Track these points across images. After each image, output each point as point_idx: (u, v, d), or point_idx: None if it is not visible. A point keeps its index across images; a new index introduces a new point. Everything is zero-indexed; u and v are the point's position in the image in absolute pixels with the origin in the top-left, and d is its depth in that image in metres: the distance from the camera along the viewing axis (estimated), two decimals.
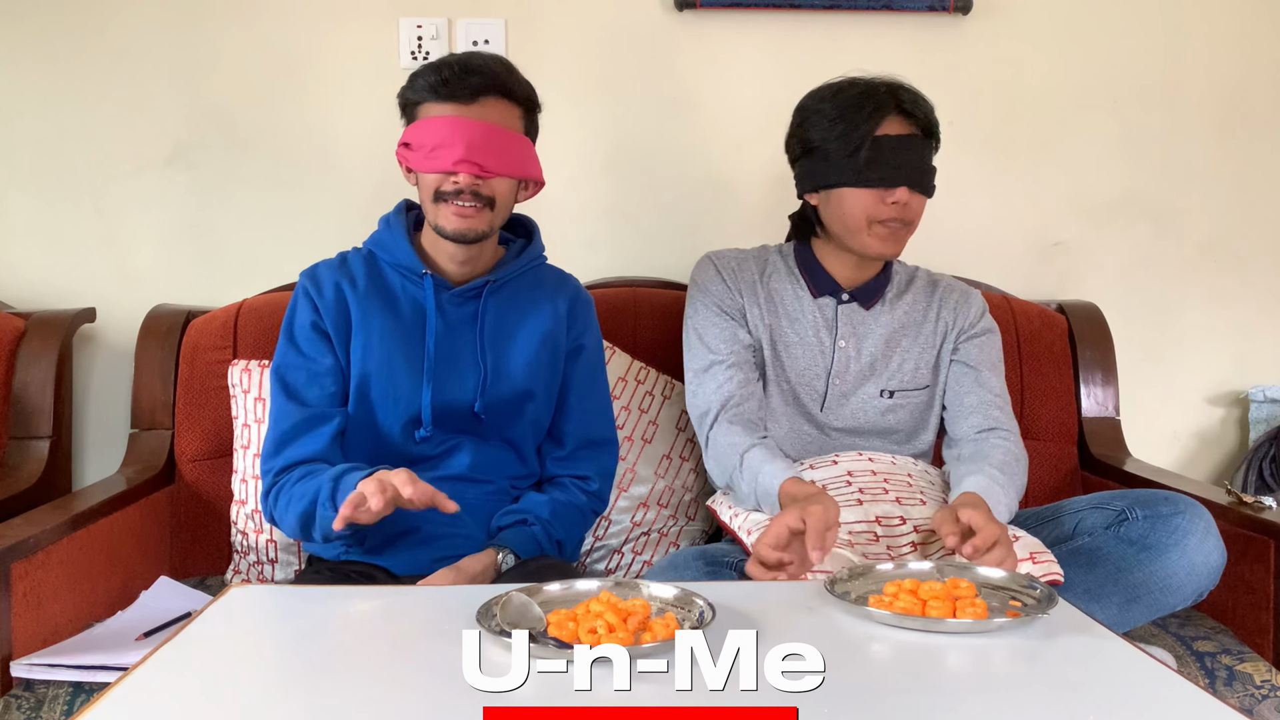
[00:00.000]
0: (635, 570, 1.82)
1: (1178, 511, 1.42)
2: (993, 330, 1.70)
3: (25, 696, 1.36)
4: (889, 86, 1.57)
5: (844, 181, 1.56)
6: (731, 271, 1.67)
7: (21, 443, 1.90)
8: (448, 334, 1.54)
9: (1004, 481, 1.46)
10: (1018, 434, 1.62)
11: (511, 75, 1.50)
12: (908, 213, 1.57)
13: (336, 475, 1.39)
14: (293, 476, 1.47)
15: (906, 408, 1.65)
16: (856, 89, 1.57)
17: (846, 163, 1.55)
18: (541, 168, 1.54)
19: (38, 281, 2.11)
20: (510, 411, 1.57)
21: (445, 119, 1.45)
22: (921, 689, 0.91)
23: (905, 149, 1.55)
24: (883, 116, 1.54)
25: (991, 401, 1.62)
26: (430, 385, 1.52)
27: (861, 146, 1.53)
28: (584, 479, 1.62)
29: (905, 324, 1.67)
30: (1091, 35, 2.19)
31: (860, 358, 1.64)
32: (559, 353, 1.61)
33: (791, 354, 1.65)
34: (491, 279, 1.56)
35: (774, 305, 1.66)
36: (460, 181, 1.45)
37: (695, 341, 1.65)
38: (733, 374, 1.60)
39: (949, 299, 1.69)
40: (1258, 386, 2.22)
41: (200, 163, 2.11)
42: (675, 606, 1.07)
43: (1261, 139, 2.23)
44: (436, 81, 1.46)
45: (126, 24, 2.08)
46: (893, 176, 1.54)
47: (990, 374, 1.65)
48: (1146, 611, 1.43)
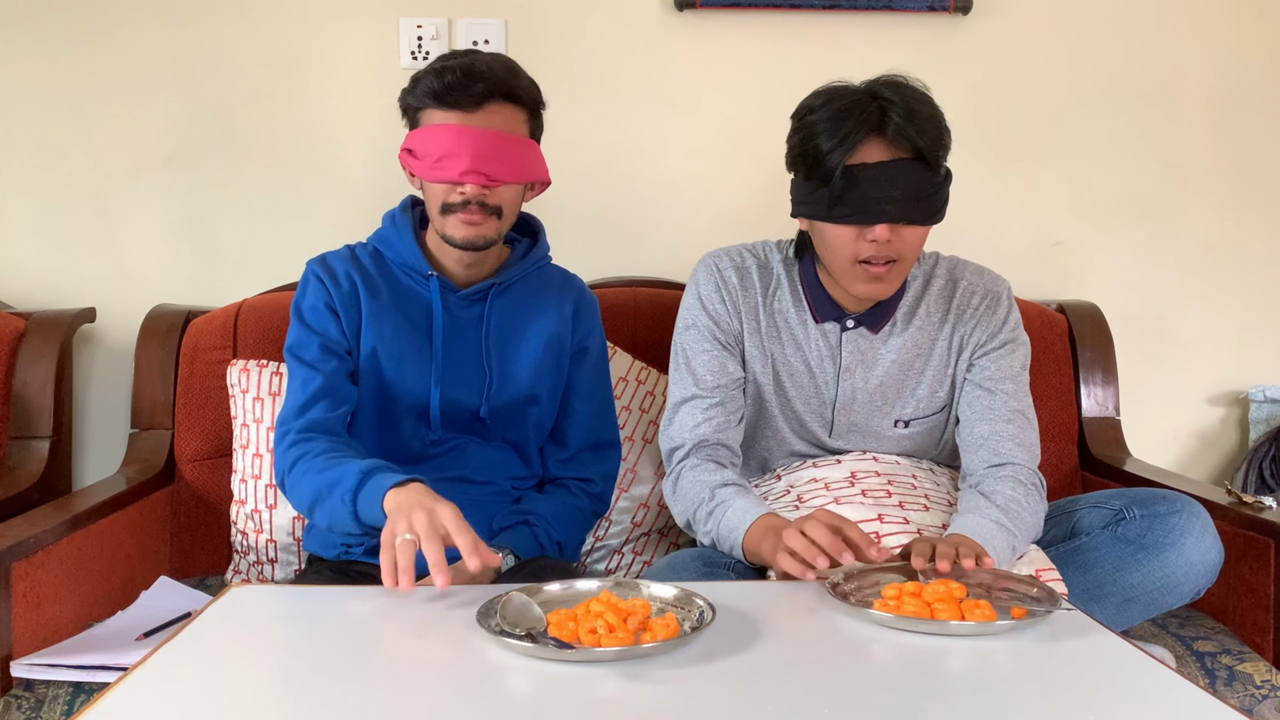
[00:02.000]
0: (635, 570, 1.82)
1: (1174, 510, 1.41)
2: (1015, 340, 1.53)
3: (25, 696, 1.36)
4: (880, 102, 1.36)
5: (818, 215, 1.41)
6: (732, 291, 1.53)
7: (21, 443, 1.90)
8: (453, 336, 1.53)
9: (1006, 524, 1.35)
10: (1032, 464, 1.48)
11: (516, 78, 1.47)
12: (895, 249, 1.39)
13: (365, 471, 1.31)
14: (316, 446, 1.41)
15: (923, 430, 1.57)
16: (841, 102, 1.38)
17: (819, 195, 1.39)
18: (547, 167, 1.53)
19: (38, 281, 2.11)
20: (514, 415, 1.57)
21: (450, 128, 1.42)
22: (922, 690, 0.91)
23: (886, 179, 1.35)
24: (857, 142, 1.35)
25: (1002, 432, 1.48)
26: (438, 388, 1.52)
27: (831, 177, 1.35)
28: (587, 481, 1.62)
29: (919, 343, 1.53)
30: (1091, 35, 2.19)
31: (869, 387, 1.53)
32: (564, 355, 1.61)
33: (796, 383, 1.54)
34: (497, 281, 1.55)
35: (776, 330, 1.54)
36: (467, 192, 1.43)
37: (682, 365, 1.54)
38: (713, 414, 1.50)
39: (969, 306, 1.53)
40: (1258, 386, 2.22)
41: (200, 163, 2.11)
42: (675, 606, 1.07)
43: (1261, 139, 2.23)
44: (439, 88, 1.42)
45: (127, 25, 2.08)
46: (869, 212, 1.36)
47: (1006, 394, 1.50)
48: (1145, 610, 1.43)
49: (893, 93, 1.37)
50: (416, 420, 1.53)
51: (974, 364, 1.53)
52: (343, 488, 1.32)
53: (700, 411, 1.50)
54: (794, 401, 1.55)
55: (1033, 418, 1.53)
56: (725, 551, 1.39)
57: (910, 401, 1.54)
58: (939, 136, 1.38)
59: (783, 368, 1.54)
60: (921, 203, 1.38)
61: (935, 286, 1.55)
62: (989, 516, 1.35)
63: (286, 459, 1.43)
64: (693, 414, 1.50)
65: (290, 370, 1.52)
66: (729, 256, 1.57)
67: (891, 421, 1.55)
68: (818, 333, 1.53)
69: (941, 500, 1.50)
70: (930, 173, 1.38)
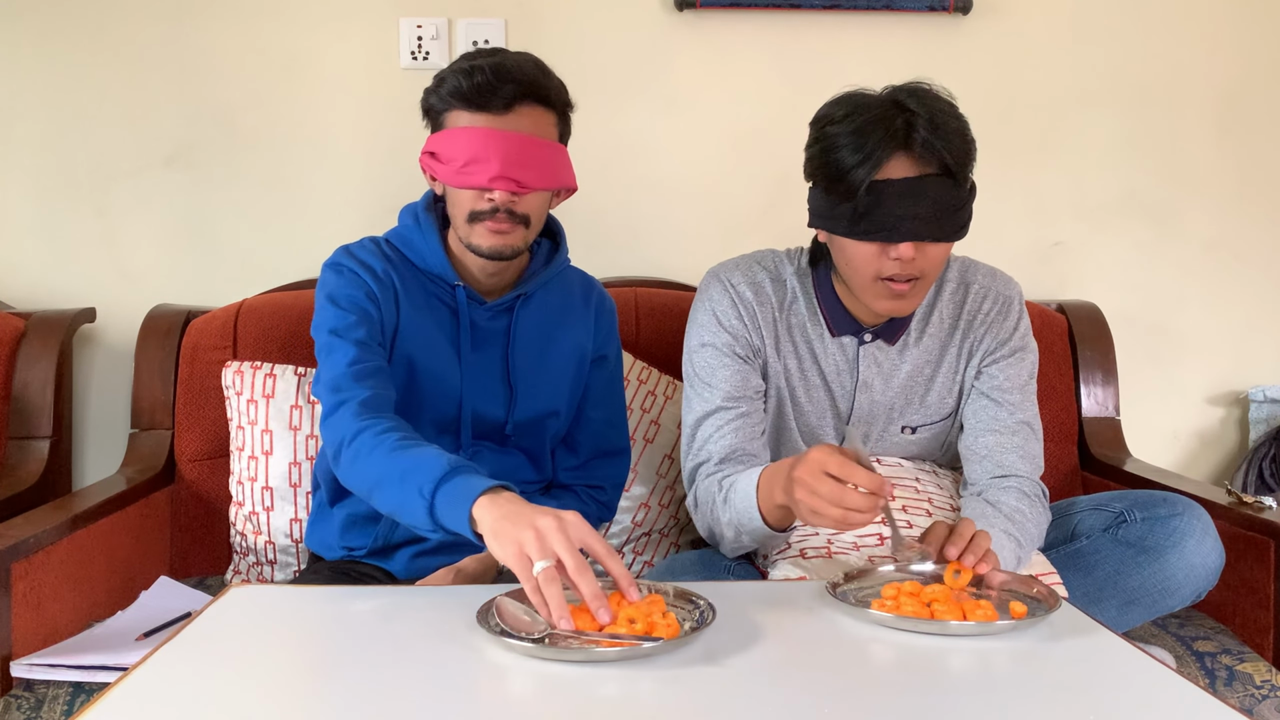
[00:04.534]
0: (636, 570, 1.82)
1: (1175, 514, 1.41)
2: (1024, 348, 1.50)
3: (25, 696, 1.36)
4: (905, 114, 1.29)
5: (839, 230, 1.35)
6: (749, 306, 1.47)
7: (21, 443, 1.90)
8: (479, 349, 1.49)
9: (1014, 533, 1.34)
10: (1035, 475, 1.46)
11: (548, 79, 1.40)
12: (918, 267, 1.34)
13: (452, 467, 1.16)
14: (383, 422, 1.28)
15: (929, 436, 1.55)
16: (865, 114, 1.31)
17: (841, 210, 1.33)
18: (574, 173, 1.46)
19: (38, 281, 2.11)
20: (536, 426, 1.54)
21: (478, 131, 1.34)
22: (922, 690, 0.91)
23: (912, 195, 1.29)
24: (885, 157, 1.29)
25: (1007, 445, 1.46)
26: (469, 404, 1.48)
27: (857, 192, 1.29)
28: (597, 488, 1.60)
29: (931, 351, 1.49)
30: (1091, 35, 2.19)
31: (885, 400, 1.50)
32: (585, 365, 1.58)
33: (813, 397, 1.51)
34: (522, 293, 1.50)
35: (793, 345, 1.49)
36: (496, 199, 1.36)
37: (700, 382, 1.47)
38: (739, 424, 1.43)
39: (980, 312, 1.49)
40: (1258, 386, 2.22)
41: (200, 163, 2.11)
42: (676, 606, 1.07)
43: (1261, 139, 2.23)
44: (468, 88, 1.34)
45: (127, 24, 2.08)
46: (895, 230, 1.30)
47: (1012, 405, 1.47)
48: (1145, 613, 1.43)
49: (917, 103, 1.30)
50: (439, 431, 1.47)
51: (982, 371, 1.50)
52: (421, 478, 1.16)
53: (726, 423, 1.43)
54: (809, 415, 1.52)
55: (1038, 428, 1.50)
56: (750, 534, 1.31)
57: (920, 410, 1.52)
58: (966, 150, 1.32)
59: (799, 382, 1.50)
60: (947, 220, 1.32)
61: (947, 291, 1.51)
62: (997, 525, 1.33)
63: (348, 427, 1.28)
64: (717, 426, 1.43)
65: (330, 348, 1.37)
66: (740, 271, 1.50)
67: (900, 428, 1.53)
68: (835, 346, 1.49)
69: (944, 505, 1.50)
70: (957, 188, 1.32)
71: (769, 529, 1.30)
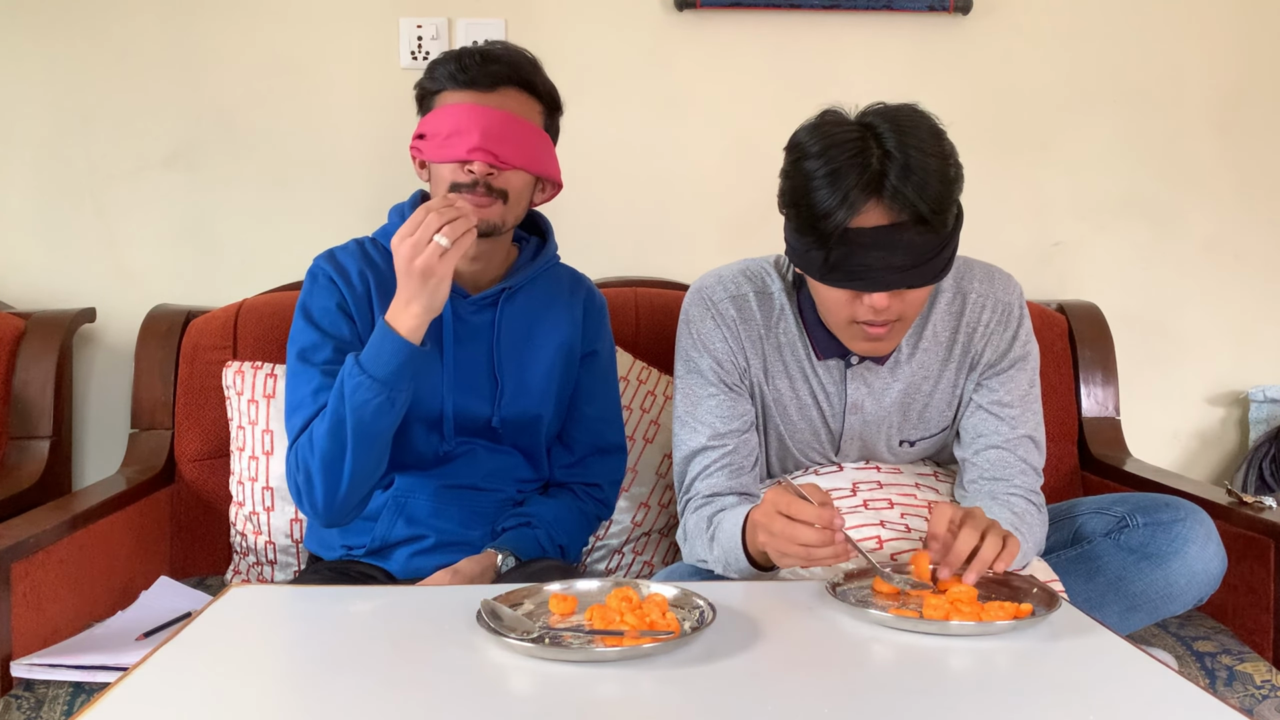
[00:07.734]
0: (636, 570, 1.82)
1: (1178, 519, 1.40)
2: (1026, 356, 1.45)
3: (25, 696, 1.36)
4: (881, 155, 1.20)
5: (811, 273, 1.29)
6: (732, 326, 1.42)
7: (21, 443, 1.90)
8: (463, 343, 1.50)
9: (1021, 529, 1.32)
10: (1035, 485, 1.43)
11: (536, 70, 1.46)
12: (896, 311, 1.28)
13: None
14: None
15: (927, 446, 1.52)
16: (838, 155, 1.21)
17: (814, 255, 1.26)
18: (559, 169, 1.49)
19: (38, 281, 2.11)
20: (526, 422, 1.54)
21: (462, 106, 1.39)
22: (922, 690, 0.91)
23: (886, 245, 1.22)
24: (859, 204, 1.20)
25: (1008, 459, 1.42)
26: (451, 398, 1.49)
27: (829, 240, 1.22)
28: (594, 486, 1.60)
29: (927, 367, 1.44)
30: (1091, 35, 2.19)
31: (876, 418, 1.47)
32: (574, 360, 1.58)
33: (804, 415, 1.47)
34: (507, 286, 1.51)
35: (782, 364, 1.45)
36: (475, 170, 1.38)
37: (686, 414, 1.44)
38: (726, 461, 1.40)
39: (979, 323, 1.43)
40: (1258, 386, 2.22)
41: (200, 163, 2.11)
42: (676, 606, 1.07)
43: (1261, 139, 2.23)
44: (456, 69, 1.41)
45: (127, 24, 2.08)
46: (867, 279, 1.24)
47: (1013, 419, 1.43)
48: (1147, 617, 1.43)
49: (895, 140, 1.20)
50: (428, 429, 1.49)
51: (982, 384, 1.45)
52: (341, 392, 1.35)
53: (712, 463, 1.41)
54: (803, 432, 1.49)
55: (1040, 438, 1.46)
56: (738, 572, 1.30)
57: (918, 425, 1.48)
58: (943, 193, 1.21)
59: (790, 401, 1.46)
60: (925, 265, 1.25)
61: (942, 302, 1.43)
62: (1004, 519, 1.32)
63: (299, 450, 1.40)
64: (703, 465, 1.41)
65: (296, 373, 1.45)
66: (723, 286, 1.45)
67: (896, 442, 1.50)
68: (822, 367, 1.44)
69: None
70: (933, 233, 1.23)
71: (756, 569, 1.29)
